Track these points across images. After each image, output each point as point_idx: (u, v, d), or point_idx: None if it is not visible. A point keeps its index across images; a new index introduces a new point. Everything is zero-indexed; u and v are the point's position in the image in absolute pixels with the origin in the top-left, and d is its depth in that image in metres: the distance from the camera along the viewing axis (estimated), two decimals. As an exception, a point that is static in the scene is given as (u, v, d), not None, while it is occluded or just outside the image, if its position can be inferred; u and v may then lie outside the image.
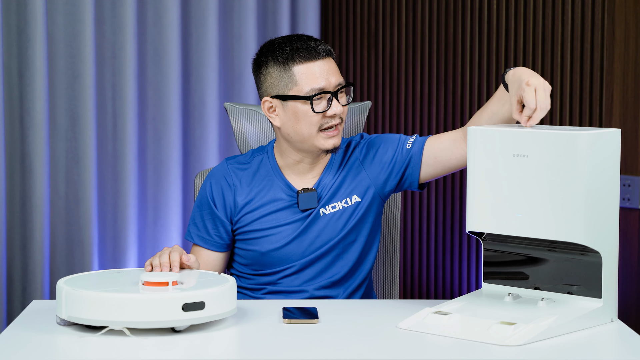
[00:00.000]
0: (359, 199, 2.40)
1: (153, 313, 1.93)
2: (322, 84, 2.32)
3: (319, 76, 2.32)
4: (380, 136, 2.46)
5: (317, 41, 2.36)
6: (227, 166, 2.45)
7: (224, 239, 2.43)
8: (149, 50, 3.72)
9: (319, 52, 2.33)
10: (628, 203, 3.10)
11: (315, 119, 2.33)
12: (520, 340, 1.90)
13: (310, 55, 2.32)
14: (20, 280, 3.49)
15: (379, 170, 2.41)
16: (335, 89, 2.34)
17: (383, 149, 2.42)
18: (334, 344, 1.92)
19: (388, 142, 2.43)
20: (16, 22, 3.43)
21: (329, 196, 2.40)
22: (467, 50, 3.52)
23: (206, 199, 2.44)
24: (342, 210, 2.39)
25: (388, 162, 2.41)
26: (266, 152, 2.45)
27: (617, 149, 2.05)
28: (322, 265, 2.40)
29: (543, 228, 2.02)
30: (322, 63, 2.33)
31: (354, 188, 2.40)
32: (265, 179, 2.42)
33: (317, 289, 2.40)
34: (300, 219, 2.39)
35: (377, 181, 2.41)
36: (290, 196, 2.39)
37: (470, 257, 3.57)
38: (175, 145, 3.73)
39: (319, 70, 2.33)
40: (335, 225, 2.39)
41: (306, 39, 2.35)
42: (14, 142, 3.46)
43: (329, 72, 2.33)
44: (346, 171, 2.42)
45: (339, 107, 2.34)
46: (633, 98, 3.08)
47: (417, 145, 2.40)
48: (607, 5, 3.10)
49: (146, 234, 3.75)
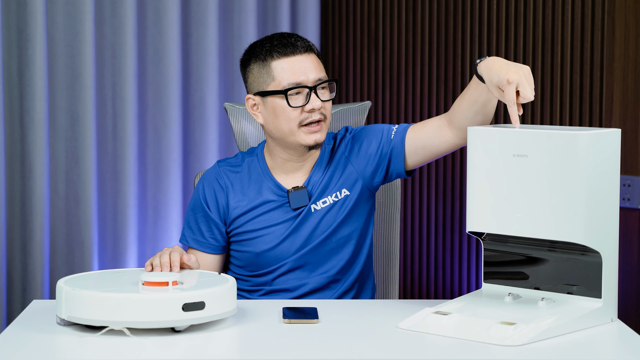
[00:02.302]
0: (348, 192, 2.41)
1: (153, 313, 1.93)
2: (300, 78, 2.32)
3: (296, 71, 2.32)
4: (364, 128, 2.46)
5: (296, 37, 2.36)
6: (219, 168, 2.46)
7: (219, 241, 2.44)
8: (149, 50, 3.72)
9: (297, 47, 2.34)
10: (628, 203, 3.10)
11: (294, 115, 2.33)
12: (520, 340, 1.90)
13: (287, 50, 2.33)
14: (20, 280, 3.49)
15: (365, 163, 2.42)
16: (315, 83, 2.33)
17: (367, 142, 2.42)
18: (334, 344, 1.92)
19: (372, 134, 2.43)
20: (16, 22, 3.43)
21: (319, 192, 2.40)
22: (467, 50, 3.52)
23: (200, 202, 2.45)
24: (332, 204, 2.40)
25: (373, 154, 2.41)
26: (256, 154, 2.46)
27: (617, 149, 2.05)
28: (315, 260, 2.40)
29: (543, 228, 2.02)
30: (301, 58, 2.34)
31: (343, 182, 2.41)
32: (256, 181, 2.42)
33: (312, 286, 2.40)
34: (292, 217, 2.39)
35: (364, 174, 2.42)
36: (281, 196, 2.40)
37: (470, 257, 3.57)
38: (175, 145, 3.73)
39: (297, 65, 2.33)
40: (326, 219, 2.39)
41: (287, 35, 2.37)
42: (14, 142, 3.46)
43: (307, 67, 2.33)
44: (334, 166, 2.42)
45: (317, 102, 2.33)
46: (633, 98, 3.08)
47: (399, 135, 2.40)
48: (607, 5, 3.10)
49: (146, 234, 3.75)
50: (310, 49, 2.36)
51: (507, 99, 2.06)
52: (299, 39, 2.36)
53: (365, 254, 2.45)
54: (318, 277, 2.41)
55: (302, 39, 2.37)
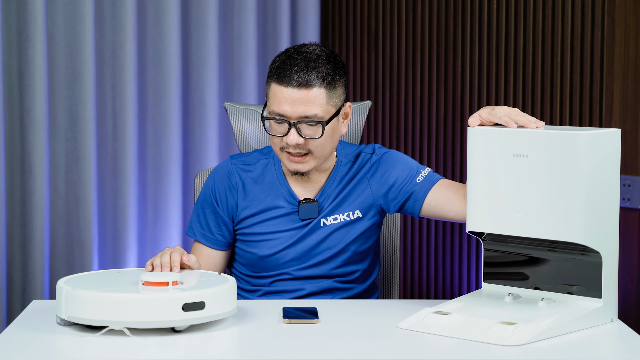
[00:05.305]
0: (361, 214, 2.39)
1: (153, 313, 1.93)
2: (282, 110, 2.25)
3: (282, 102, 2.25)
4: (393, 156, 2.41)
5: (302, 67, 2.26)
6: (232, 165, 2.44)
7: (226, 238, 2.43)
8: (149, 50, 3.72)
9: (292, 80, 2.24)
10: (628, 203, 3.10)
11: (276, 140, 2.30)
12: (520, 340, 1.90)
13: (283, 79, 2.26)
14: (20, 280, 3.49)
15: (385, 191, 2.38)
16: (298, 120, 2.26)
17: (393, 172, 2.38)
18: (334, 344, 1.92)
19: (400, 166, 2.38)
20: (16, 22, 3.43)
21: (331, 207, 2.38)
22: (467, 50, 3.52)
23: (209, 197, 2.43)
24: (343, 223, 2.38)
25: (396, 187, 2.37)
26: (272, 156, 2.43)
27: (617, 149, 2.05)
28: (317, 273, 2.39)
29: (543, 228, 2.02)
30: (292, 91, 2.25)
31: (358, 204, 2.38)
32: (269, 184, 2.40)
33: (311, 290, 2.40)
34: (299, 227, 2.38)
35: (380, 201, 2.39)
36: (292, 204, 2.39)
37: (470, 257, 3.57)
38: (175, 145, 3.73)
39: (285, 97, 2.25)
40: (334, 237, 2.38)
41: (298, 60, 2.26)
42: (14, 142, 3.46)
43: (294, 101, 2.25)
44: (353, 185, 2.39)
45: (293, 138, 2.26)
46: (633, 98, 3.08)
47: (426, 183, 2.35)
48: (607, 5, 3.10)
49: (146, 234, 3.75)
50: (308, 83, 2.25)
51: (517, 120, 2.07)
52: (303, 69, 2.25)
53: (371, 271, 2.45)
54: (318, 285, 2.40)
55: (307, 70, 2.25)
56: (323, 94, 2.27)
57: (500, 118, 2.08)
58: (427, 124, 3.68)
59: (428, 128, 3.67)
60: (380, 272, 2.68)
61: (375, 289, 2.50)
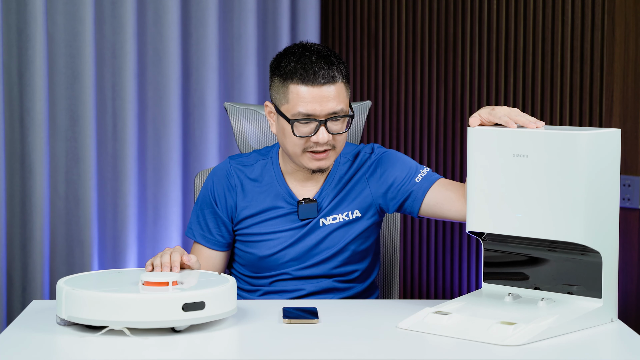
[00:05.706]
0: (360, 214, 2.39)
1: (153, 313, 1.93)
2: (310, 110, 2.24)
3: (309, 101, 2.24)
4: (392, 155, 2.41)
5: (322, 64, 2.25)
6: (230, 166, 2.43)
7: (226, 238, 2.43)
8: (149, 50, 3.72)
9: (318, 77, 2.23)
10: (628, 203, 3.10)
11: (299, 141, 2.27)
12: (520, 340, 1.90)
13: (307, 78, 2.24)
14: (20, 280, 3.49)
15: (384, 191, 2.38)
16: (327, 117, 2.25)
17: (392, 171, 2.38)
18: (334, 344, 1.92)
19: (399, 165, 2.38)
20: (16, 22, 3.43)
21: (330, 207, 2.38)
22: (467, 50, 3.52)
23: (208, 198, 2.43)
24: (342, 223, 2.38)
25: (395, 186, 2.37)
26: (270, 156, 2.42)
27: (617, 149, 2.05)
28: (317, 273, 2.39)
29: (543, 228, 2.02)
30: (319, 89, 2.24)
31: (357, 204, 2.38)
32: (268, 185, 2.40)
33: (310, 290, 2.40)
34: (299, 226, 2.38)
35: (379, 201, 2.39)
36: (291, 204, 2.38)
37: (470, 257, 3.57)
38: (175, 145, 3.73)
39: (312, 96, 2.24)
40: (334, 236, 2.38)
41: (314, 59, 2.25)
42: (14, 142, 3.46)
43: (322, 99, 2.24)
44: (352, 184, 2.39)
45: (324, 136, 2.25)
46: (633, 98, 3.08)
47: (424, 183, 2.35)
48: (607, 5, 3.10)
49: (146, 234, 3.75)
50: (334, 79, 2.25)
51: (517, 120, 2.07)
52: (324, 66, 2.25)
53: (371, 270, 2.45)
54: (318, 285, 2.40)
55: (328, 66, 2.25)
56: (343, 88, 2.29)
57: (500, 118, 2.08)
58: (427, 124, 3.68)
59: (428, 128, 3.67)
60: (380, 272, 2.68)
61: (375, 289, 2.50)
